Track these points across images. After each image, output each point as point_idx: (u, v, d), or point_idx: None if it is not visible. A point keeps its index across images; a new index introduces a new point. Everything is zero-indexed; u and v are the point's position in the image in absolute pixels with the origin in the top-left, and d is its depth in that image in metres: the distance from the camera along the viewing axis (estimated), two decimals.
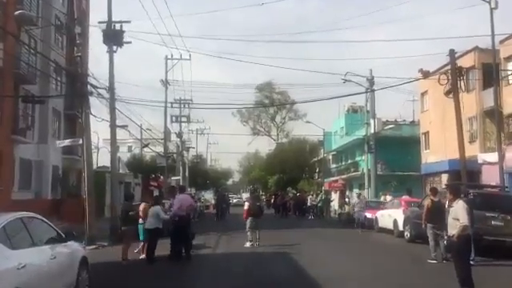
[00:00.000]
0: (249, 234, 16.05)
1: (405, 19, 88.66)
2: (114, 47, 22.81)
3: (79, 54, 18.60)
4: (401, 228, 18.67)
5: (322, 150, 54.56)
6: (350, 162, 46.54)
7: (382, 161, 38.16)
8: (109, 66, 23.43)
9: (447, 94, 19.02)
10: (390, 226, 20.13)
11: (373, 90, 29.64)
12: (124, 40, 23.22)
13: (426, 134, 32.35)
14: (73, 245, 8.35)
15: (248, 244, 15.84)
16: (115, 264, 13.60)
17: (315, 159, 59.63)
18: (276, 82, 65.63)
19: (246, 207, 16.85)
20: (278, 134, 74.17)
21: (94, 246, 17.84)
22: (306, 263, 12.06)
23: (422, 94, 32.59)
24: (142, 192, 44.54)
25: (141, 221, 13.89)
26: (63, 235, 8.03)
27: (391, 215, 20.21)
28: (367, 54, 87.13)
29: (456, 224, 8.54)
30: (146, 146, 37.82)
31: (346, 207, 32.69)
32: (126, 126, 27.78)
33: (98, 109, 27.89)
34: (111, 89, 23.31)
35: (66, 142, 19.53)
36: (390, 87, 22.88)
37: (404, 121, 44.97)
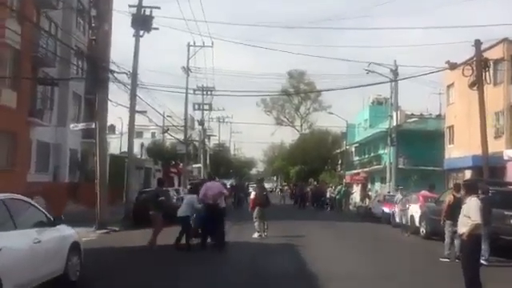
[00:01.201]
0: (256, 224, 15.69)
1: (428, 9, 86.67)
2: (141, 32, 22.83)
3: (94, 37, 18.49)
4: (417, 224, 18.05)
5: (344, 142, 53.83)
6: (372, 155, 45.71)
7: (404, 155, 37.31)
8: (134, 50, 23.30)
9: (471, 86, 18.22)
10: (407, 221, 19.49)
11: (395, 80, 28.80)
12: (152, 26, 23.19)
13: (451, 127, 31.34)
14: (63, 229, 8.15)
15: (256, 235, 15.49)
16: (120, 249, 13.52)
17: (338, 151, 58.88)
18: (308, 73, 65.02)
19: (252, 196, 16.43)
20: (301, 125, 73.55)
21: (104, 231, 17.86)
22: (311, 258, 11.65)
23: (448, 87, 31.54)
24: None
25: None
26: (52, 219, 7.82)
27: (408, 210, 19.56)
28: (395, 44, 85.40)
29: (467, 222, 8.01)
30: (166, 131, 37.89)
31: (367, 200, 32.11)
32: (145, 111, 27.74)
33: (118, 94, 27.76)
34: (134, 74, 23.15)
35: (80, 126, 19.58)
36: (413, 77, 22.13)
37: (430, 114, 43.89)
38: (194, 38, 48.83)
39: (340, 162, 58.19)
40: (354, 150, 54.87)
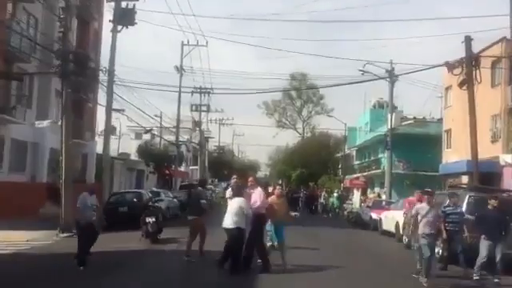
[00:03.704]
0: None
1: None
2: (122, 27, 22.20)
3: (62, 29, 17.57)
4: (401, 232, 16.85)
5: (345, 146, 52.67)
6: (372, 159, 44.47)
7: (403, 159, 36.08)
8: (111, 47, 22.56)
9: (461, 85, 17.01)
10: (392, 228, 18.35)
11: (390, 77, 27.61)
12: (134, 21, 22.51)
13: (449, 131, 29.94)
14: None
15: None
16: (67, 256, 12.46)
17: (338, 155, 57.58)
18: (309, 74, 63.43)
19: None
20: (303, 128, 72.18)
21: (66, 234, 16.97)
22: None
23: (446, 89, 30.18)
24: (158, 180, 43.84)
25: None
26: None
27: (394, 217, 18.39)
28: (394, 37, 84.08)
29: None
30: (149, 131, 36.94)
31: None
32: (123, 110, 26.83)
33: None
34: (111, 71, 22.43)
35: (46, 123, 18.63)
36: (408, 73, 21.05)
37: (433, 118, 42.60)
38: (187, 36, 48.33)
39: (340, 165, 56.91)
40: (354, 153, 53.64)
